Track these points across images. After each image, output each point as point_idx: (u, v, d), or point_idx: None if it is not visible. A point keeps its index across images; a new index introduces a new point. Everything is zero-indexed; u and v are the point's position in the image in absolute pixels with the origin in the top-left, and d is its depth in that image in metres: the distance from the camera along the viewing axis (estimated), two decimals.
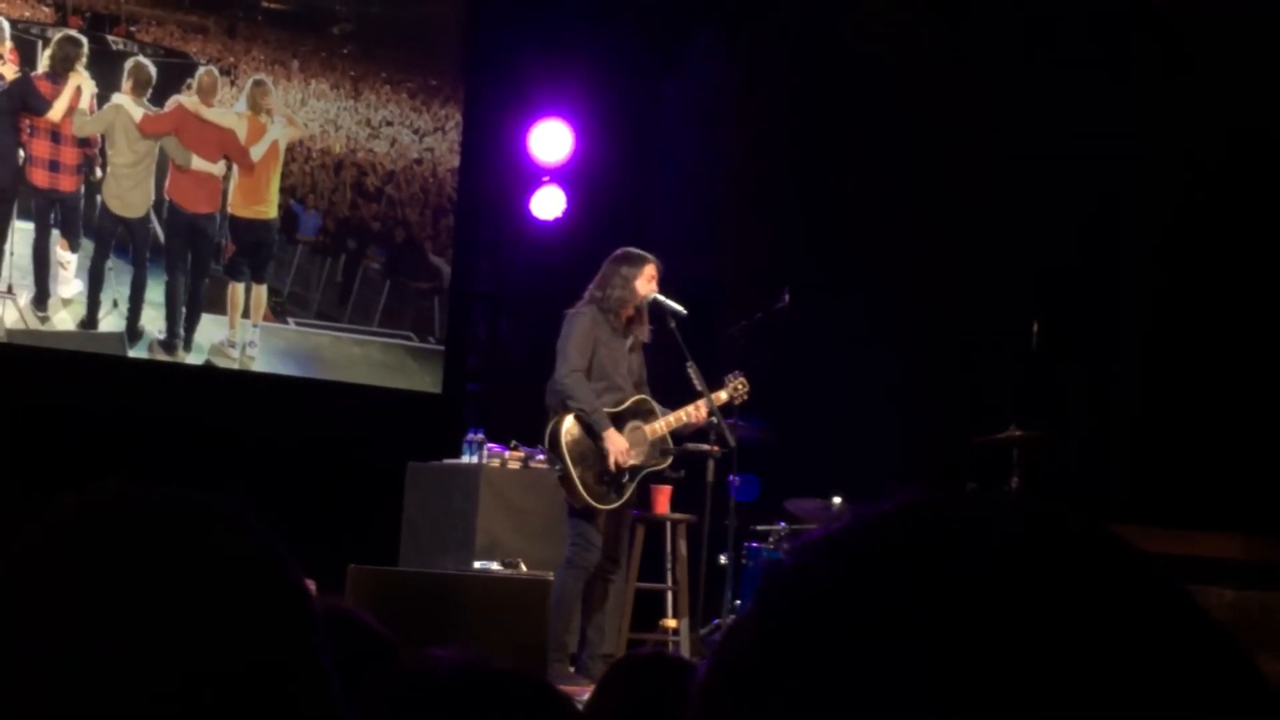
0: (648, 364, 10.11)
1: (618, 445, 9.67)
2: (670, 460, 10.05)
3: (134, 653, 1.30)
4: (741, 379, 10.17)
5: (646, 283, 9.79)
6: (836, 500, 11.21)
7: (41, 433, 10.82)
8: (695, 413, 9.98)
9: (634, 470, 9.78)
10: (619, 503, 9.80)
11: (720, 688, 1.07)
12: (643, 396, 9.92)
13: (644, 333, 9.89)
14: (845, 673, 1.01)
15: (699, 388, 10.27)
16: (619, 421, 9.76)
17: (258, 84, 12.34)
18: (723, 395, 10.09)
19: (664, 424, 9.90)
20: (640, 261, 9.82)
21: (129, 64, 11.83)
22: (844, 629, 1.02)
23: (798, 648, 1.03)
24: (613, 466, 9.67)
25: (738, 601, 11.01)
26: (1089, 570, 1.03)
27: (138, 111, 11.80)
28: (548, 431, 9.74)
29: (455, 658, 1.77)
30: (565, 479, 9.65)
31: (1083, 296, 11.63)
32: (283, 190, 12.42)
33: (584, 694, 4.17)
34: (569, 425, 9.63)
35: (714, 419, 10.41)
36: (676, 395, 10.08)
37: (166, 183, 11.92)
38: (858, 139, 12.42)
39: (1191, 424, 10.94)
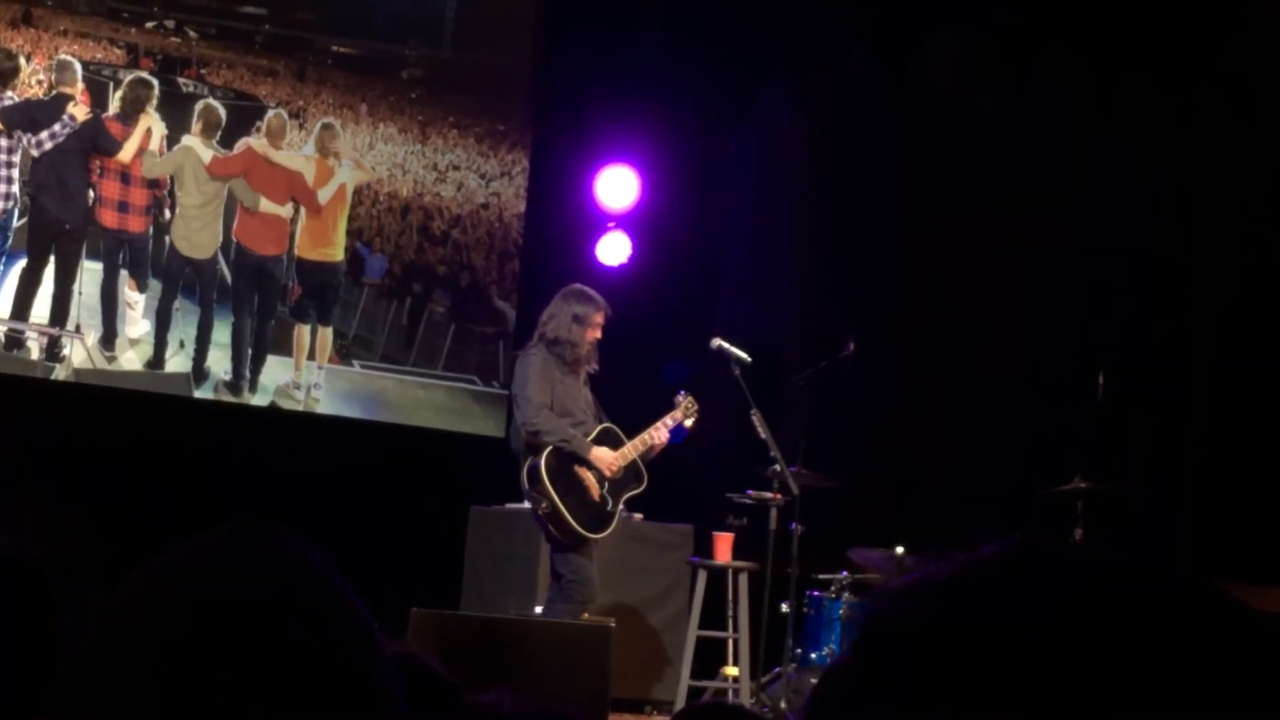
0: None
1: (606, 458, 9.67)
2: (644, 484, 10.00)
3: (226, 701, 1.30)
4: (690, 398, 10.09)
5: (594, 331, 9.75)
6: (899, 550, 11.15)
7: (107, 471, 10.86)
8: (657, 435, 9.93)
9: (615, 495, 9.73)
10: (609, 530, 9.76)
11: (825, 705, 1.07)
12: (608, 425, 9.89)
13: (592, 366, 9.85)
14: None
15: (763, 435, 10.25)
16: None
17: (326, 127, 12.39)
18: (679, 415, 10.01)
19: (631, 449, 9.87)
20: (592, 307, 9.76)
21: (199, 106, 11.91)
22: (942, 679, 1.01)
23: (895, 696, 1.02)
24: (606, 478, 9.63)
25: (799, 650, 10.96)
26: (1204, 630, 1.02)
27: (207, 153, 11.87)
28: (526, 471, 9.67)
29: (521, 705, 1.75)
30: (554, 514, 9.56)
31: (1149, 346, 11.56)
32: (349, 233, 12.46)
33: None
34: (547, 460, 9.59)
35: (778, 466, 10.39)
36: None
37: (234, 224, 11.98)
38: (925, 188, 12.39)
39: (1262, 475, 10.86)
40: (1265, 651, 1.03)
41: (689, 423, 10.05)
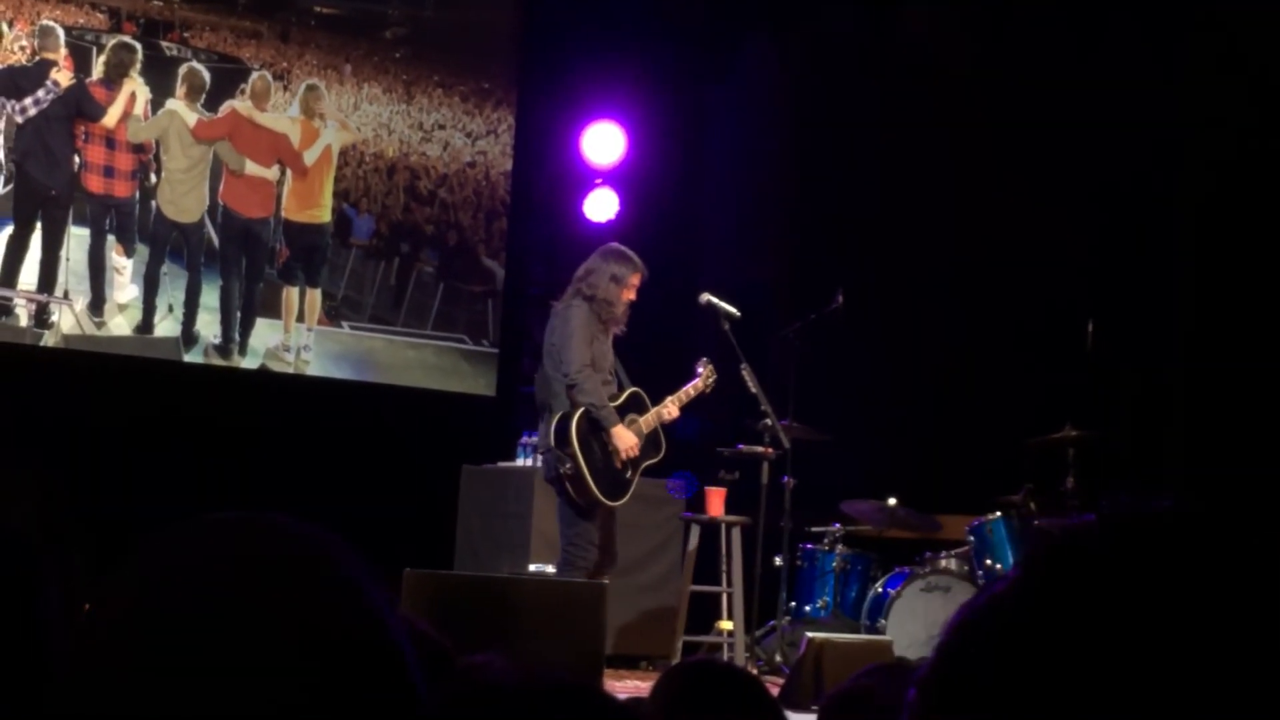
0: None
1: (628, 441, 9.57)
2: (662, 453, 9.96)
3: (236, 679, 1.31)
4: (710, 365, 10.07)
5: (630, 292, 9.69)
6: (891, 501, 11.18)
7: (97, 437, 10.85)
8: (674, 407, 9.89)
9: (634, 464, 9.69)
10: (625, 499, 9.71)
11: (979, 640, 1.10)
12: (636, 389, 9.85)
13: (620, 328, 9.79)
14: (1104, 648, 1.03)
15: (753, 390, 10.25)
16: (619, 415, 9.70)
17: (310, 88, 12.36)
18: (699, 385, 9.99)
19: (655, 416, 9.84)
20: (630, 268, 9.65)
21: (182, 70, 11.87)
22: (1110, 608, 1.04)
23: (1062, 618, 1.05)
24: (623, 459, 9.60)
25: (793, 603, 10.99)
26: None
27: (191, 117, 11.84)
28: (553, 427, 9.52)
29: (514, 671, 1.75)
30: (576, 476, 9.45)
31: (1138, 296, 11.57)
32: (336, 194, 12.44)
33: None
34: (579, 421, 9.55)
35: (769, 420, 10.40)
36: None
37: (220, 188, 11.96)
38: (908, 141, 12.38)
39: (1245, 420, 10.87)
40: None
41: (707, 390, 10.05)
